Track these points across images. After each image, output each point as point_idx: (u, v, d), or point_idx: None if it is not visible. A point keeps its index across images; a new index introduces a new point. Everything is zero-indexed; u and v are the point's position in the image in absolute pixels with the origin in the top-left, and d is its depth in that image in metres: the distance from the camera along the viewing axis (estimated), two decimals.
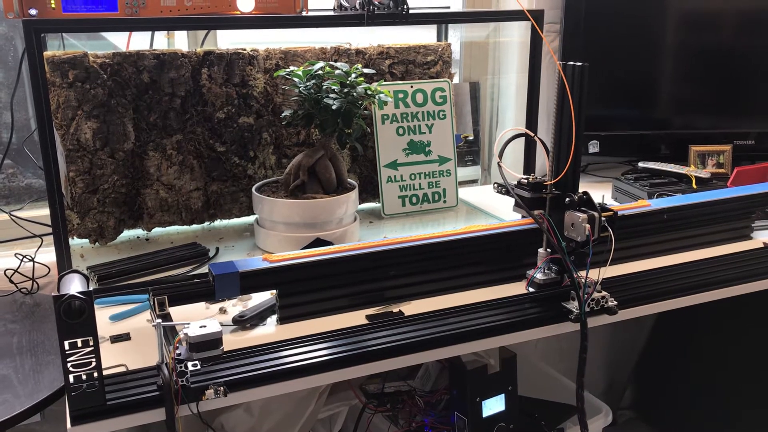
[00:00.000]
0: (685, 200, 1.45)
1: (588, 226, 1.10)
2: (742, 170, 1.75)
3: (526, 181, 1.20)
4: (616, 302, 1.16)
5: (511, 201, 1.22)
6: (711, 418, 2.05)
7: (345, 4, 1.43)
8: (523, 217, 1.25)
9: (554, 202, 1.18)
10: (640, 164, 1.91)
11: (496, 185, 1.25)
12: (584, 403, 1.15)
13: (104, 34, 1.68)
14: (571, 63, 1.14)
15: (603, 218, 1.12)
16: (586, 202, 1.14)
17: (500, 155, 1.20)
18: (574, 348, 1.12)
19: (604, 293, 1.15)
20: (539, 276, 1.21)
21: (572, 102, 1.13)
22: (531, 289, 1.22)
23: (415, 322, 1.13)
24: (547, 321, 1.15)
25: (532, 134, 1.26)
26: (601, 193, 1.74)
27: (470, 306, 1.18)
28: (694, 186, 1.75)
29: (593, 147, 2.02)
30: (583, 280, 1.12)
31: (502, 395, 1.40)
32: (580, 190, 1.15)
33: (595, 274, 1.12)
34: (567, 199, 1.15)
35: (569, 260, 1.13)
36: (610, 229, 1.12)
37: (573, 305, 1.14)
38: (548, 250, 1.20)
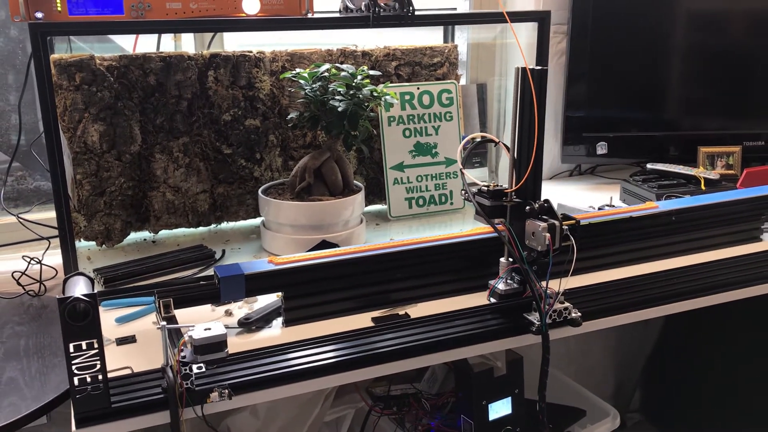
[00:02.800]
0: (693, 202, 1.43)
1: (548, 235, 1.06)
2: (752, 171, 1.74)
3: (486, 188, 1.15)
4: (579, 314, 1.12)
5: None
6: (720, 422, 2.03)
7: (350, 5, 1.42)
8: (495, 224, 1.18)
9: (515, 211, 1.14)
10: (649, 165, 1.89)
11: (462, 192, 1.20)
12: (545, 415, 1.13)
13: (111, 36, 1.68)
14: (530, 67, 1.10)
15: (565, 227, 1.08)
16: (548, 210, 1.10)
17: (463, 162, 1.16)
18: (582, 351, 1.12)
19: (567, 304, 1.11)
20: (501, 286, 1.17)
21: (526, 106, 1.10)
22: (492, 300, 1.18)
23: (421, 324, 1.12)
24: (507, 333, 1.12)
25: (497, 140, 1.21)
26: (609, 194, 1.73)
27: (475, 309, 1.17)
28: (703, 187, 1.74)
29: (601, 148, 2.01)
30: (547, 291, 1.08)
31: (509, 398, 1.40)
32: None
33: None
34: (527, 208, 1.11)
35: (530, 270, 1.09)
36: (572, 238, 1.07)
37: (534, 317, 1.10)
38: (510, 259, 1.16)
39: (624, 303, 1.22)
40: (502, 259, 1.18)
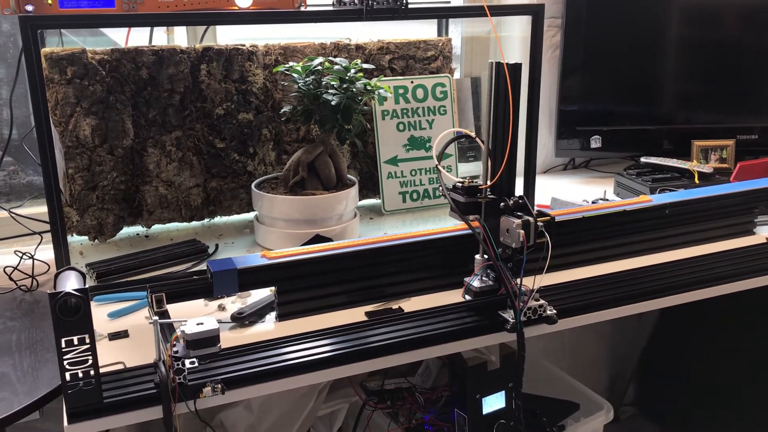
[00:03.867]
0: (687, 195, 1.44)
1: (522, 231, 1.05)
2: (745, 165, 1.74)
3: (461, 184, 1.14)
4: (554, 311, 1.10)
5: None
6: (713, 416, 2.04)
7: None
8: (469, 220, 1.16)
9: (490, 207, 1.12)
10: (643, 159, 1.90)
11: (440, 188, 1.19)
12: (521, 412, 1.12)
13: (103, 30, 1.67)
14: (503, 62, 1.08)
15: (540, 223, 1.06)
16: (522, 206, 1.09)
17: (439, 158, 1.15)
18: (576, 345, 1.12)
19: (542, 302, 1.10)
20: (476, 284, 1.15)
21: (500, 101, 1.09)
22: (467, 297, 1.16)
23: (414, 318, 1.12)
24: (481, 331, 1.10)
25: (473, 135, 1.20)
26: (603, 188, 1.73)
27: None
28: (696, 181, 1.74)
29: (595, 142, 2.01)
30: (521, 289, 1.07)
31: (503, 392, 1.40)
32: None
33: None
34: (501, 204, 1.10)
35: (504, 267, 1.08)
36: (547, 235, 1.06)
37: (509, 314, 1.09)
38: (485, 256, 1.15)
39: (616, 297, 1.22)
40: (477, 256, 1.17)
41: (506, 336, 1.10)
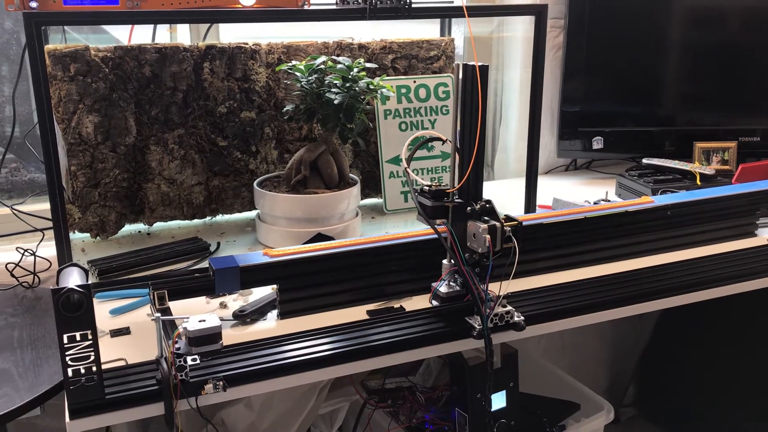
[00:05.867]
0: (689, 197, 1.44)
1: (488, 236, 1.04)
2: (747, 167, 1.74)
3: (428, 188, 1.12)
4: (522, 317, 1.08)
5: (516, 196, 1.20)
6: (713, 416, 2.04)
7: None
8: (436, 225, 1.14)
9: (457, 212, 1.10)
10: (645, 160, 1.90)
11: (410, 192, 1.17)
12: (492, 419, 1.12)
13: (106, 27, 1.67)
14: (471, 63, 1.07)
15: (507, 228, 1.05)
16: (489, 211, 1.07)
17: (408, 161, 1.13)
18: (576, 345, 1.11)
19: (509, 308, 1.08)
20: (443, 289, 1.13)
21: (467, 104, 1.08)
22: (435, 303, 1.15)
23: (416, 317, 1.12)
24: (448, 337, 1.09)
25: (444, 138, 1.17)
26: (605, 189, 1.73)
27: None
28: (698, 183, 1.74)
29: (597, 143, 2.01)
30: (488, 294, 1.06)
31: (504, 392, 1.40)
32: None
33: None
34: (468, 209, 1.08)
35: (471, 273, 1.07)
36: (514, 240, 1.05)
37: (476, 320, 1.07)
38: (452, 261, 1.13)
39: (618, 297, 1.22)
40: (445, 261, 1.15)
41: (474, 342, 1.08)
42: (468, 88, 1.08)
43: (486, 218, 1.07)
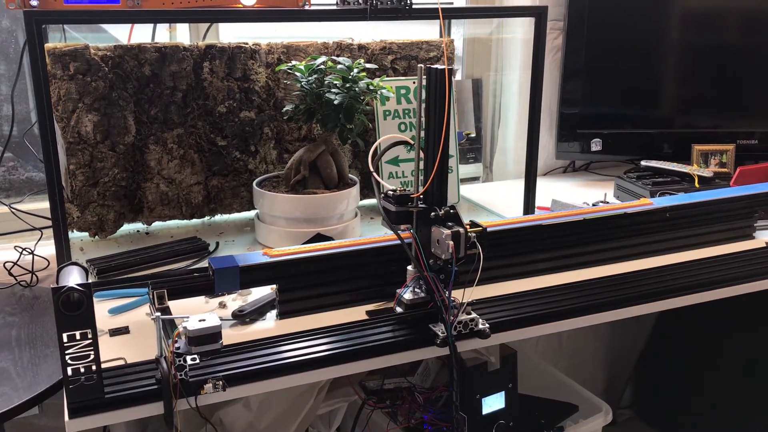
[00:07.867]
0: (687, 199, 1.44)
1: (452, 243, 1.02)
2: (745, 170, 1.74)
3: (392, 193, 1.10)
4: (487, 325, 1.07)
5: (514, 197, 1.20)
6: (711, 418, 2.05)
7: None
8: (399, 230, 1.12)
9: (422, 217, 1.08)
10: (643, 163, 1.90)
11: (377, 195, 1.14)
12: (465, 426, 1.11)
13: (106, 26, 1.67)
14: (435, 66, 1.05)
15: (472, 234, 1.04)
16: (453, 217, 1.06)
17: (375, 166, 1.12)
18: (575, 347, 1.11)
19: (473, 315, 1.07)
20: (407, 296, 1.11)
21: (431, 107, 1.06)
22: (399, 309, 1.13)
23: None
24: (412, 345, 1.07)
25: (411, 141, 1.15)
26: (603, 191, 1.73)
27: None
28: (696, 185, 1.75)
29: (596, 145, 2.02)
30: (452, 301, 1.04)
31: (502, 393, 1.40)
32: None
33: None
34: (432, 214, 1.06)
35: (435, 279, 1.05)
36: (479, 246, 1.03)
37: (440, 328, 1.06)
38: (416, 267, 1.11)
39: (617, 299, 1.22)
40: (410, 267, 1.12)
41: (437, 350, 1.07)
42: (431, 92, 1.06)
43: (450, 224, 1.05)
